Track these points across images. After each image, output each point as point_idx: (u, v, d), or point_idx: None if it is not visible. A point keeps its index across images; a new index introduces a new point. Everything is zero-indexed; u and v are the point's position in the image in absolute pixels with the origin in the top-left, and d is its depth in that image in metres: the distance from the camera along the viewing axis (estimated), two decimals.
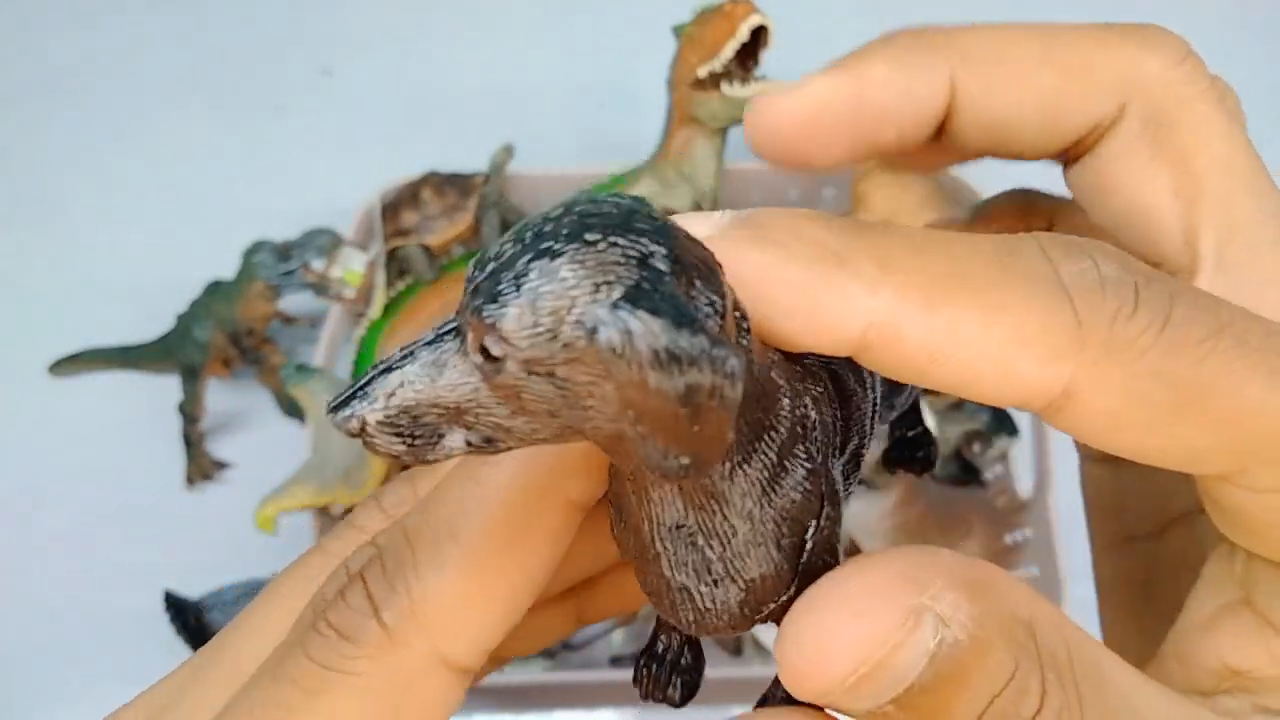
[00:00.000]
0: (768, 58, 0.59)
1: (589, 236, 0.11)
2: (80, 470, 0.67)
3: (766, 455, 0.13)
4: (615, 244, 0.11)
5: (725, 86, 0.58)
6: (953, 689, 0.13)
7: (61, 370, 0.68)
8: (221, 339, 0.63)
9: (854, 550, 0.58)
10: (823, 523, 0.14)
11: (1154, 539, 0.19)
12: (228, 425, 0.67)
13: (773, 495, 0.13)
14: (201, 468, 0.65)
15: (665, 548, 0.14)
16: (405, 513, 0.15)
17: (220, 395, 0.66)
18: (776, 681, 0.15)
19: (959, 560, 0.13)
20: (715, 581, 0.14)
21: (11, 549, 0.64)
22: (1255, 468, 0.14)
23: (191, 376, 0.63)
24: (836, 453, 0.15)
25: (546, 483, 0.14)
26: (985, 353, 0.13)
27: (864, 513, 0.56)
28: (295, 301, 0.64)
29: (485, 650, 0.15)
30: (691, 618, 0.14)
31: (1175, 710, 0.14)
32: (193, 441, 0.64)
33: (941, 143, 0.18)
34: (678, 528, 0.13)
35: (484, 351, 0.11)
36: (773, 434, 0.13)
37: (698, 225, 0.13)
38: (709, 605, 0.14)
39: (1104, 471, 0.21)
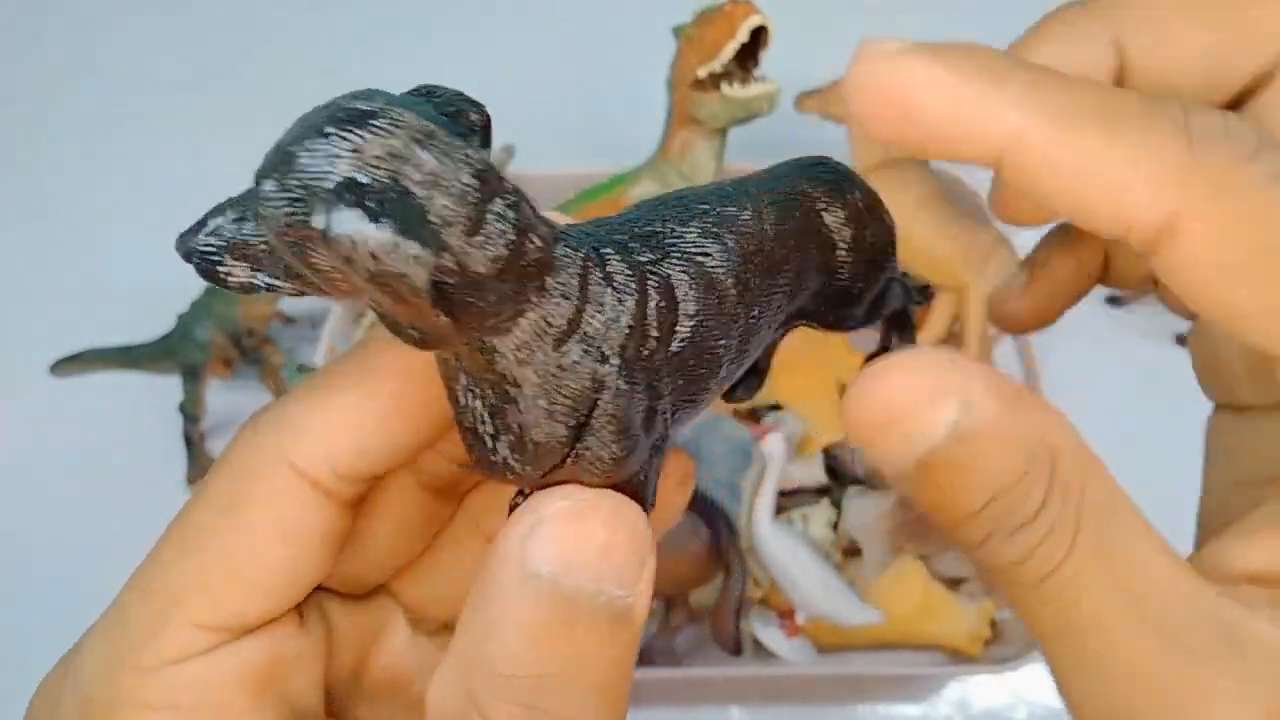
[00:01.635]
0: (767, 59, 0.59)
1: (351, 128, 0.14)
2: (81, 470, 0.67)
3: (529, 332, 0.14)
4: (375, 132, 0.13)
5: (725, 87, 0.58)
6: (964, 468, 0.14)
7: (62, 370, 0.68)
8: (222, 339, 0.63)
9: (853, 549, 0.58)
10: (606, 407, 0.15)
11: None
12: (229, 425, 0.68)
13: (541, 367, 0.14)
14: (203, 467, 0.65)
15: (459, 400, 0.15)
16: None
17: (221, 395, 0.66)
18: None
19: (1008, 379, 0.15)
20: (494, 434, 0.15)
21: (12, 548, 0.65)
22: None
23: (192, 376, 0.63)
24: (663, 357, 0.16)
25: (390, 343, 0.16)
26: (1102, 171, 0.14)
27: (863, 513, 0.56)
28: (296, 302, 0.64)
29: (338, 470, 0.16)
30: (480, 464, 0.15)
31: (1182, 573, 0.15)
32: (194, 441, 0.64)
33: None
34: (468, 380, 0.15)
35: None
36: (537, 315, 0.14)
37: (887, 44, 0.15)
38: (492, 453, 0.15)
39: (1231, 422, 0.21)
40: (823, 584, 0.53)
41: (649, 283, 0.16)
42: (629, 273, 0.15)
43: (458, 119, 0.16)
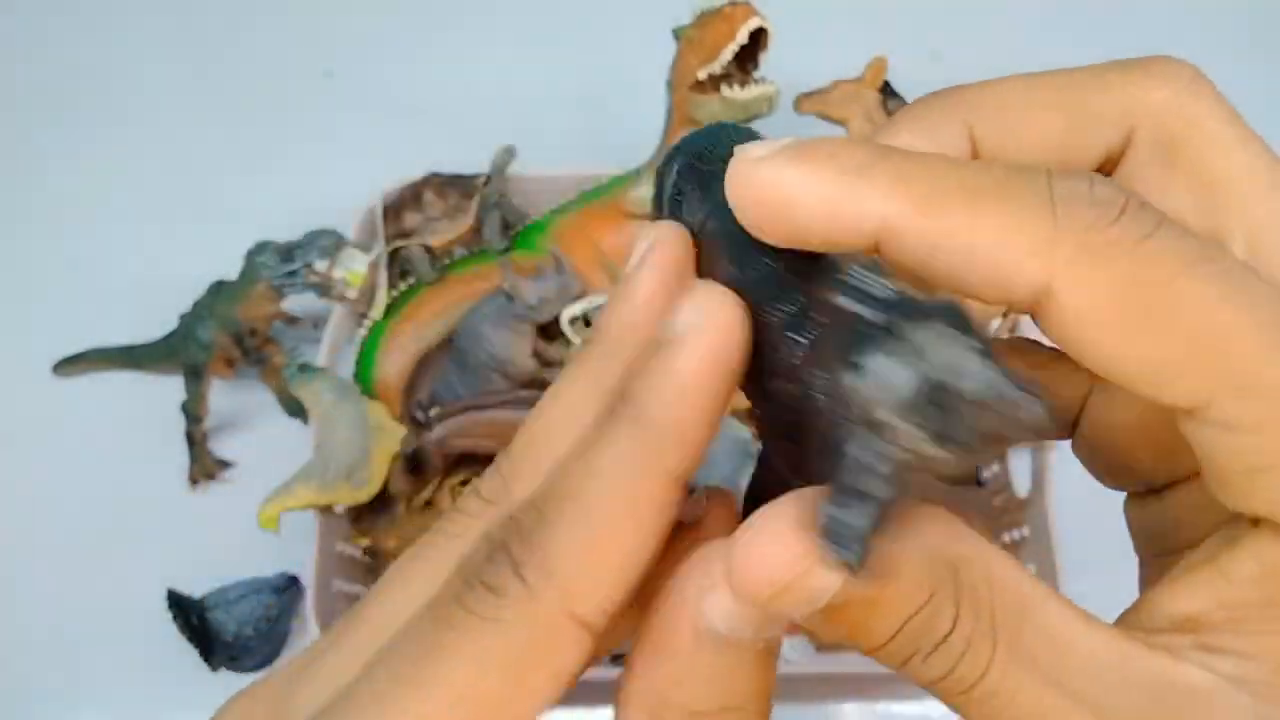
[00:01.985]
0: (767, 60, 0.60)
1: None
2: (84, 469, 0.67)
3: None
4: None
5: (725, 89, 0.58)
6: (866, 610, 0.15)
7: (66, 370, 0.68)
8: (225, 339, 0.63)
9: None
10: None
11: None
12: (231, 425, 0.68)
13: None
14: (205, 467, 0.65)
15: None
16: (526, 493, 0.17)
17: (223, 395, 0.66)
18: None
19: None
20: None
21: (15, 548, 0.65)
22: (1223, 399, 0.14)
23: (195, 376, 0.63)
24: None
25: (647, 457, 0.16)
26: (974, 247, 0.15)
27: None
28: (298, 302, 0.65)
29: (607, 609, 0.16)
30: None
31: (1106, 641, 0.15)
32: (196, 441, 0.64)
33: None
34: None
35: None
36: None
37: (757, 150, 0.16)
38: None
39: (1143, 507, 0.22)
40: None
41: None
42: None
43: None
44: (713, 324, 0.16)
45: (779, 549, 0.14)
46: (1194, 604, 0.16)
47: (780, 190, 0.16)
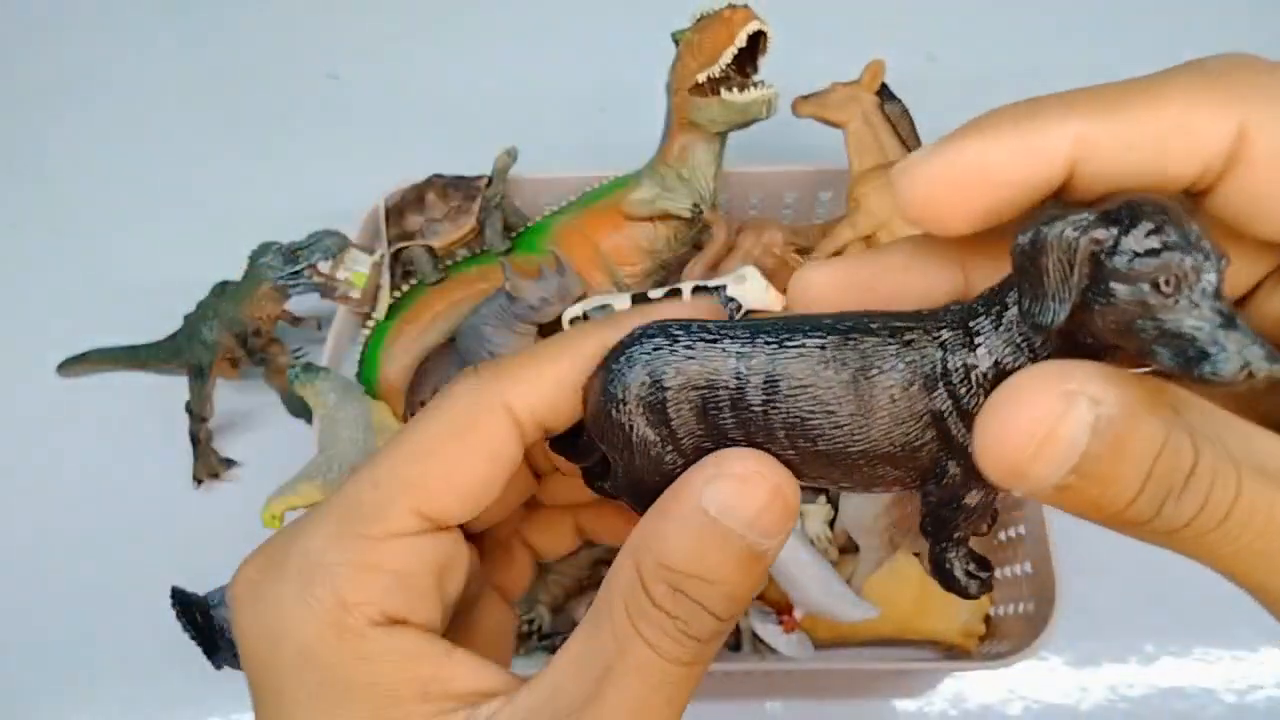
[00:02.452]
0: (766, 63, 0.60)
1: None
2: (89, 469, 0.67)
3: None
4: None
5: (724, 92, 0.59)
6: (1117, 455, 0.15)
7: (70, 370, 0.69)
8: (229, 339, 0.63)
9: (849, 546, 0.59)
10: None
11: None
12: (235, 424, 0.68)
13: None
14: (209, 466, 0.65)
15: None
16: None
17: (228, 395, 0.67)
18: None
19: (1097, 365, 0.16)
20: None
21: (20, 547, 0.65)
22: None
23: (199, 376, 0.64)
24: None
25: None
26: (1164, 126, 0.16)
27: (859, 509, 0.57)
28: (302, 302, 0.65)
29: (532, 417, 0.21)
30: None
31: None
32: (200, 440, 0.65)
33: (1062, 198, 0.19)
34: None
35: None
36: None
37: (921, 151, 0.17)
38: None
39: None
40: (820, 580, 0.54)
41: None
42: None
43: None
44: None
45: (1029, 407, 0.15)
46: None
47: (968, 162, 0.17)
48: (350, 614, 0.20)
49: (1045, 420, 0.15)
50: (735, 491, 0.18)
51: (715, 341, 0.19)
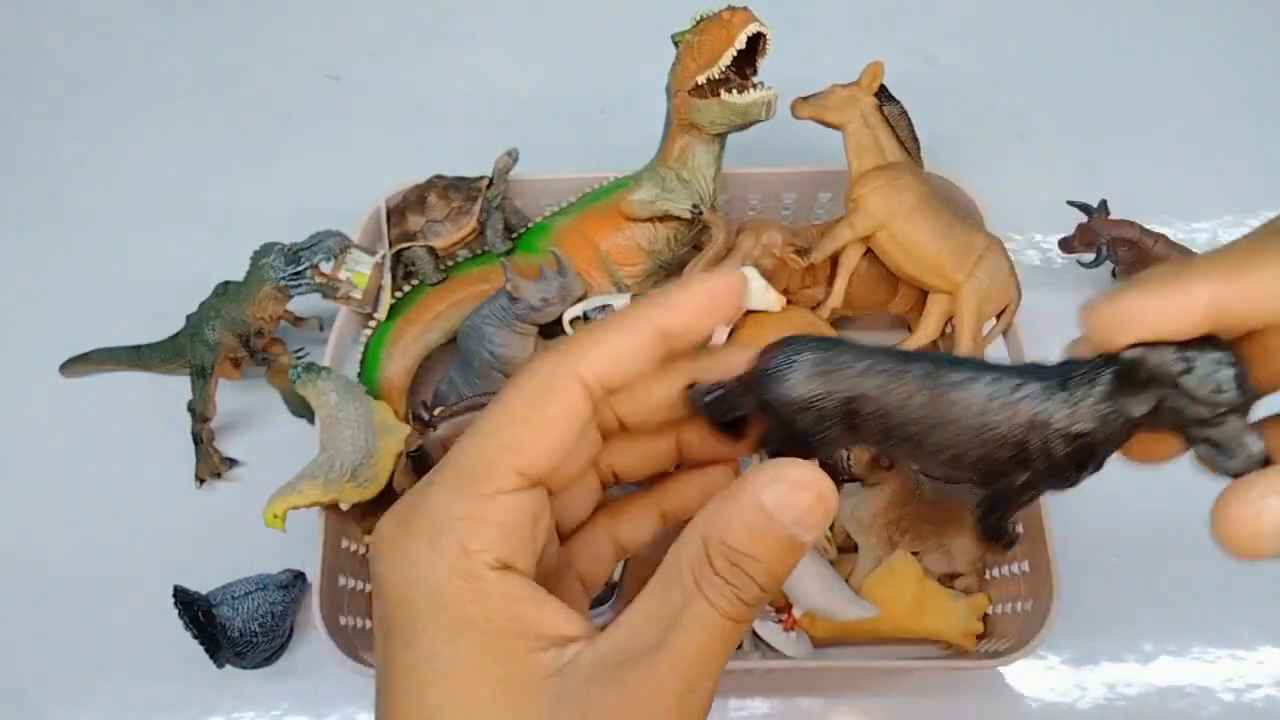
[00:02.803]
0: (765, 65, 0.60)
1: None
2: (91, 468, 0.68)
3: None
4: None
5: (724, 93, 0.59)
6: None
7: (72, 370, 0.69)
8: (231, 339, 0.63)
9: (848, 545, 0.59)
10: None
11: None
12: (237, 424, 0.69)
13: None
14: (211, 465, 0.65)
15: None
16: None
17: (230, 395, 0.67)
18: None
19: None
20: None
21: (23, 546, 0.65)
22: None
23: (202, 376, 0.64)
24: None
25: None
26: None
27: (858, 509, 0.57)
28: (304, 303, 0.65)
29: (597, 380, 0.25)
30: None
31: None
32: (202, 440, 0.65)
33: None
34: None
35: None
36: None
37: (1108, 295, 0.22)
38: None
39: None
40: (819, 579, 0.54)
41: None
42: None
43: None
44: None
45: (1251, 491, 0.20)
46: None
47: (1126, 309, 0.22)
48: (471, 560, 0.24)
49: (1250, 511, 0.20)
50: (789, 493, 0.23)
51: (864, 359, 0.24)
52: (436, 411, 0.59)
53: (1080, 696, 0.59)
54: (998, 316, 0.62)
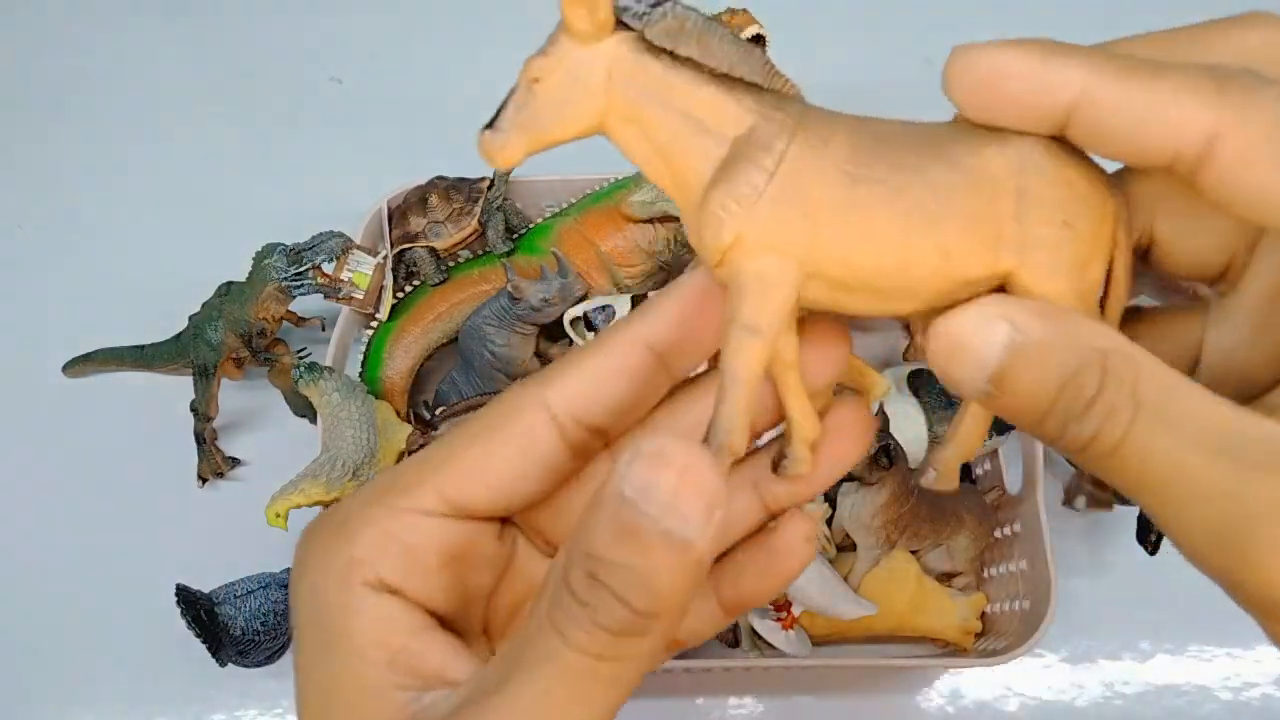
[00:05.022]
0: None
1: None
2: (94, 468, 0.68)
3: None
4: None
5: None
6: (1028, 373, 0.18)
7: (75, 370, 0.69)
8: (234, 340, 0.63)
9: (847, 544, 0.59)
10: None
11: None
12: (239, 424, 0.69)
13: None
14: (213, 465, 0.66)
15: None
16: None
17: (232, 395, 0.67)
18: None
19: (1058, 308, 0.19)
20: None
21: (26, 545, 0.66)
22: None
23: (204, 376, 0.64)
24: None
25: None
26: (1154, 104, 0.18)
27: (857, 507, 0.58)
28: (306, 303, 0.66)
29: (570, 412, 0.22)
30: None
31: (1235, 412, 0.18)
32: (205, 439, 0.65)
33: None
34: None
35: None
36: None
37: (974, 45, 0.20)
38: None
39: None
40: (818, 577, 0.55)
41: None
42: None
43: None
44: None
45: (962, 322, 0.19)
46: None
47: (999, 69, 0.20)
48: (353, 571, 0.21)
49: (968, 333, 0.19)
50: (645, 471, 0.17)
51: None
52: (438, 411, 0.59)
53: (1078, 695, 0.59)
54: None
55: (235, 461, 0.67)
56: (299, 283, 0.62)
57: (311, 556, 0.22)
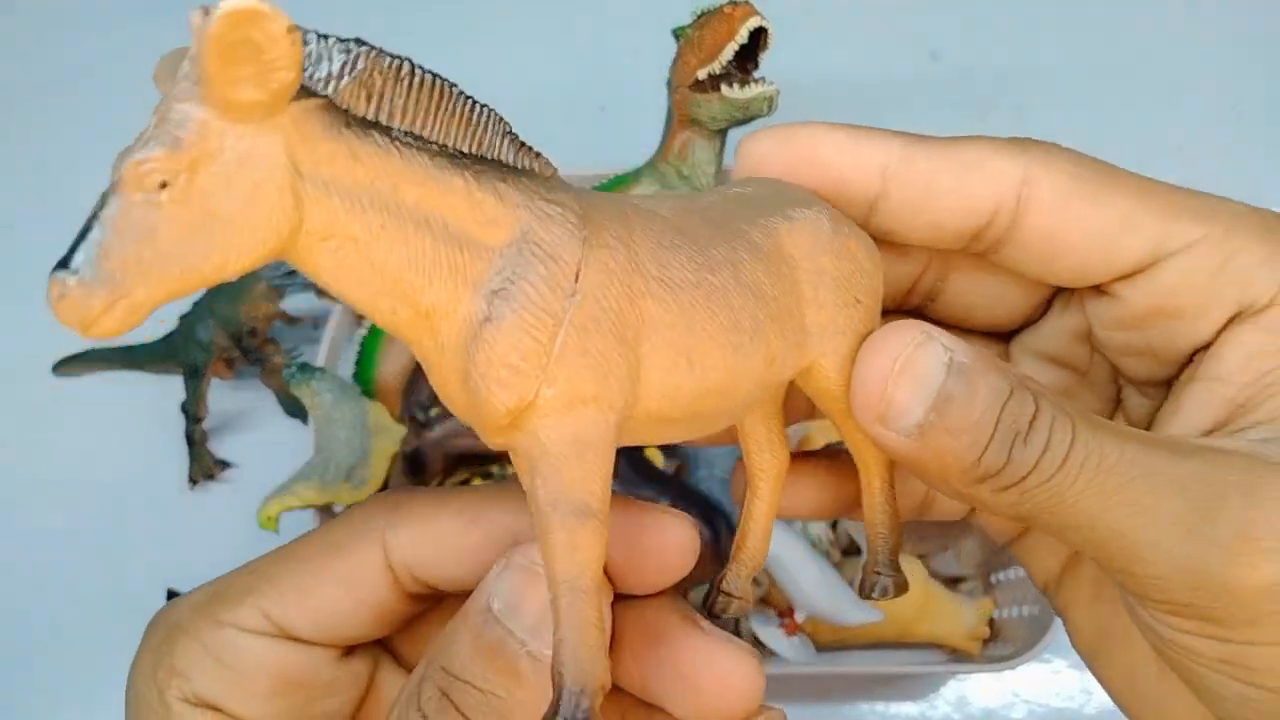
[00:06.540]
0: (767, 60, 0.60)
1: None
2: (84, 469, 0.67)
3: None
4: None
5: (725, 88, 0.58)
6: (971, 395, 0.17)
7: (65, 370, 0.68)
8: (224, 339, 0.63)
9: (852, 548, 0.58)
10: None
11: None
12: (230, 425, 0.68)
13: None
14: (204, 467, 0.65)
15: None
16: None
17: (223, 395, 0.66)
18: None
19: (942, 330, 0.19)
20: None
21: (15, 547, 0.65)
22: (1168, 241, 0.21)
23: (195, 376, 0.63)
24: None
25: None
26: (968, 161, 0.20)
27: None
28: (297, 302, 0.65)
29: (406, 565, 0.21)
30: None
31: (1162, 437, 0.18)
32: (196, 441, 0.65)
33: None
34: None
35: None
36: None
37: (764, 130, 0.22)
38: None
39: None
40: (822, 583, 0.54)
41: None
42: None
43: None
44: None
45: (900, 334, 0.18)
46: (1206, 413, 0.19)
47: (814, 140, 0.20)
48: (170, 682, 0.20)
49: (904, 351, 0.17)
50: (520, 586, 0.16)
51: None
52: (433, 412, 0.58)
53: (1086, 701, 0.58)
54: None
55: (226, 464, 0.66)
56: (290, 281, 0.61)
57: (142, 656, 0.21)
